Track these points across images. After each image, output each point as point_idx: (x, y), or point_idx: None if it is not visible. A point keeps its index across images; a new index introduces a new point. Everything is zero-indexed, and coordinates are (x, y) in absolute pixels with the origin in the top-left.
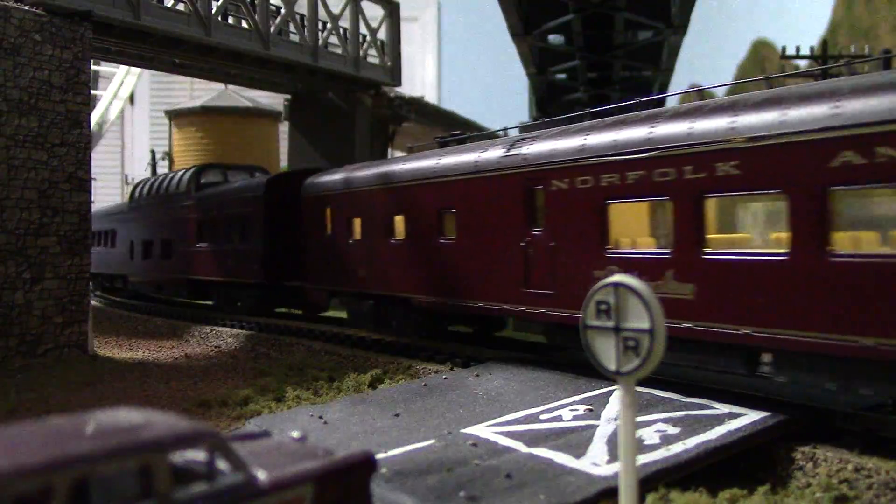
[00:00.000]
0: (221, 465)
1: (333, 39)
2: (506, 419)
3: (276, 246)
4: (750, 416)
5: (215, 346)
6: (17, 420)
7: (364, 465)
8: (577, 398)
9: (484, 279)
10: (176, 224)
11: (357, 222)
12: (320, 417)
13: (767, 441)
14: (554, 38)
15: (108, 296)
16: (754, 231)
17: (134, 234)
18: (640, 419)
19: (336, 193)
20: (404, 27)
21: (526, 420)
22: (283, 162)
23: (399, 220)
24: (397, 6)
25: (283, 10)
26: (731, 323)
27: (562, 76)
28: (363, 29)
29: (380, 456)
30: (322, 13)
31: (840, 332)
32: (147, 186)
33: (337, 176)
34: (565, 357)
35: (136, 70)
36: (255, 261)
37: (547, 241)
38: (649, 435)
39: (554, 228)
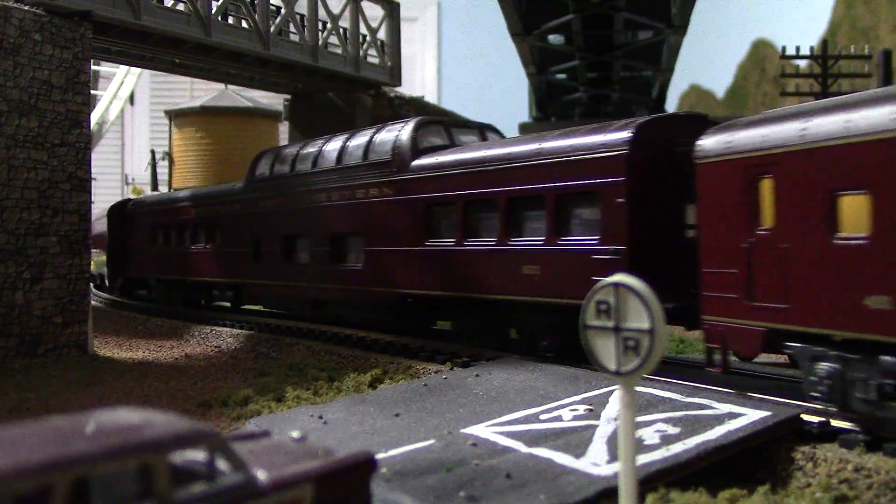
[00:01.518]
0: (221, 465)
1: (333, 39)
2: (506, 419)
3: (646, 244)
4: (750, 416)
5: (215, 346)
6: (17, 420)
7: (364, 465)
8: (577, 398)
9: None
10: (366, 211)
11: (856, 204)
12: (320, 417)
13: (767, 441)
14: (554, 38)
15: (200, 311)
16: None
17: (261, 227)
18: (640, 419)
19: (791, 153)
20: (404, 27)
21: (526, 420)
22: None
23: None
24: (397, 6)
25: (283, 10)
26: None
27: (562, 76)
28: (363, 29)
29: (380, 456)
30: (322, 13)
31: None
32: (285, 159)
33: (795, 125)
34: (565, 357)
35: (136, 70)
36: (603, 268)
37: None
38: (649, 435)
39: None
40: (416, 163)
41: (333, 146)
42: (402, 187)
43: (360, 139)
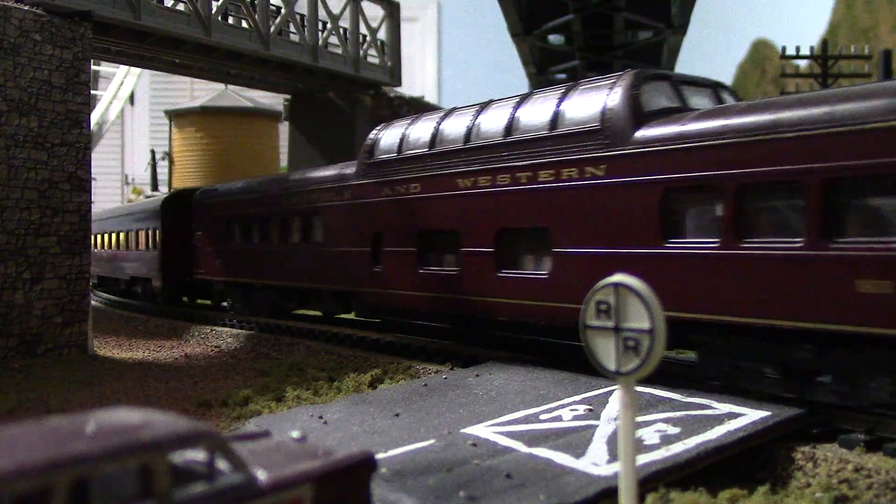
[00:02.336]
0: (221, 465)
1: (333, 39)
2: (506, 419)
3: None
4: (750, 416)
5: (215, 346)
6: (17, 420)
7: (364, 465)
8: (577, 398)
9: None
10: (556, 199)
11: None
12: (320, 417)
13: (767, 441)
14: (554, 38)
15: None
16: None
17: (384, 220)
18: (640, 419)
19: None
20: (404, 27)
21: (526, 420)
22: (283, 162)
23: None
24: (397, 6)
25: (283, 10)
26: None
27: (562, 76)
28: (363, 29)
29: (380, 456)
30: (322, 13)
31: None
32: (419, 133)
33: None
34: (565, 357)
35: (136, 70)
36: None
37: None
38: (649, 435)
39: None
40: (642, 132)
41: (497, 115)
42: (620, 166)
43: (540, 103)
